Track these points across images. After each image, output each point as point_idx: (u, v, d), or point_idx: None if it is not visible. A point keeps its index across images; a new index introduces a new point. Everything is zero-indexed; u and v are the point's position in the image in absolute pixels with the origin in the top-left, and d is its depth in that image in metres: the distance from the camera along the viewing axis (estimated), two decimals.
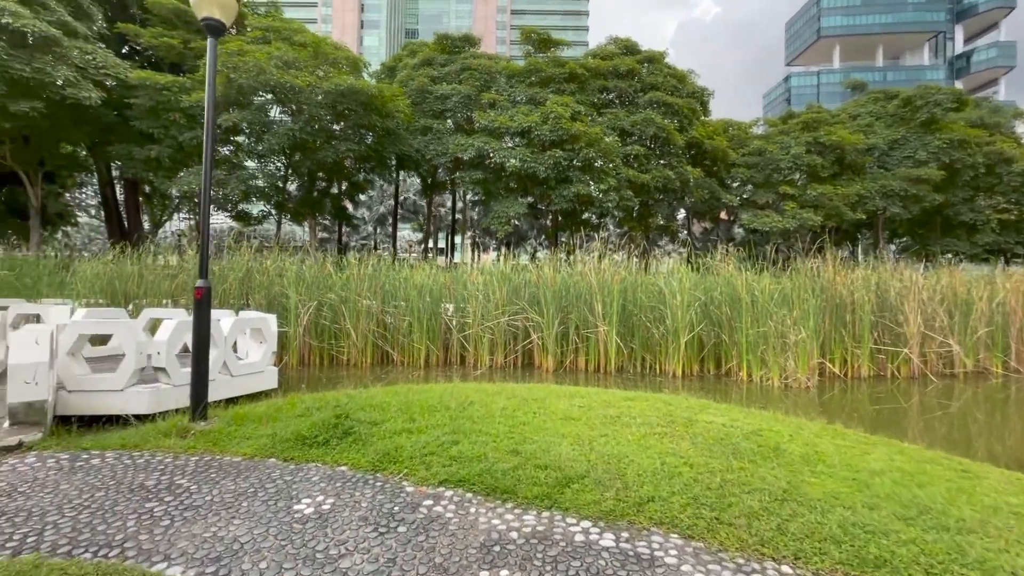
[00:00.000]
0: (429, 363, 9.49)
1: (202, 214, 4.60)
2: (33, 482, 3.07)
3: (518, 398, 5.38)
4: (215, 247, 18.05)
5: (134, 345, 5.22)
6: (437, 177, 28.55)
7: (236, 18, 24.70)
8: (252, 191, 22.56)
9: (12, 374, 3.74)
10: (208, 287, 4.27)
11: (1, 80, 17.83)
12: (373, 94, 20.86)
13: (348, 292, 9.60)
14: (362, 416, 4.36)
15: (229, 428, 4.10)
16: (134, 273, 9.20)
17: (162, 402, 5.33)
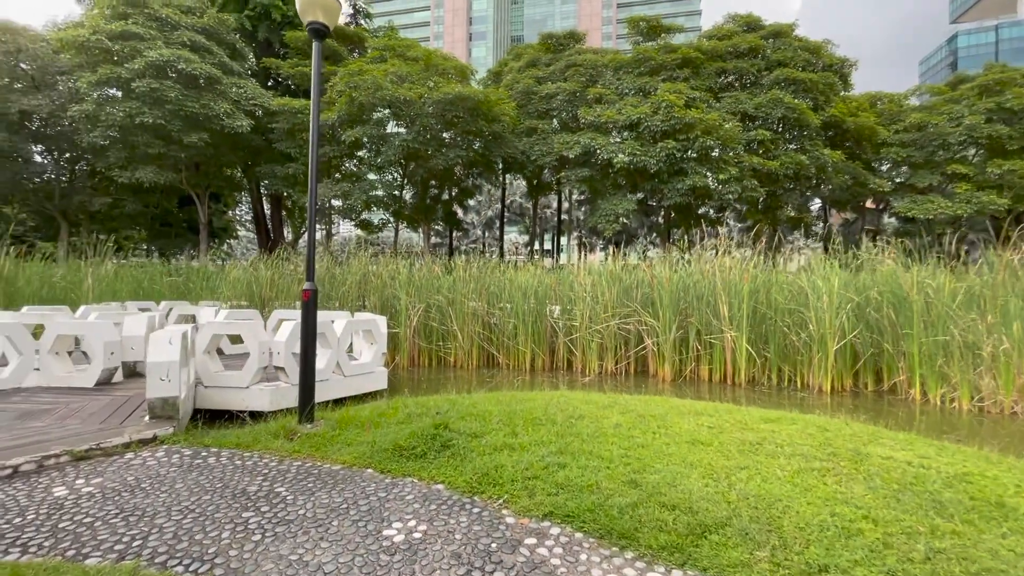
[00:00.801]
0: (534, 367, 9.13)
1: (309, 218, 4.65)
2: (155, 479, 3.18)
3: (633, 413, 4.74)
4: (340, 254, 19.56)
5: (257, 345, 5.51)
6: (542, 178, 28.38)
7: (357, 41, 26.74)
8: (373, 201, 24.23)
9: (149, 371, 4.01)
10: (315, 289, 4.28)
11: (177, 117, 21.09)
12: (480, 100, 21.22)
13: (455, 294, 9.60)
14: (462, 427, 4.06)
15: (333, 433, 4.04)
16: (268, 278, 10.08)
17: (281, 400, 5.56)
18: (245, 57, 25.37)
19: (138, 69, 19.98)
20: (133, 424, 4.05)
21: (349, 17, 33.62)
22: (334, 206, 26.38)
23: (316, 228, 26.85)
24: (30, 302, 9.40)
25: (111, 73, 20.09)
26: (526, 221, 42.97)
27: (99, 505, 2.81)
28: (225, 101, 21.78)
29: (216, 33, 23.41)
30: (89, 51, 20.78)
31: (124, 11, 21.54)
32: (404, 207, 25.76)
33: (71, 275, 10.83)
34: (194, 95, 21.06)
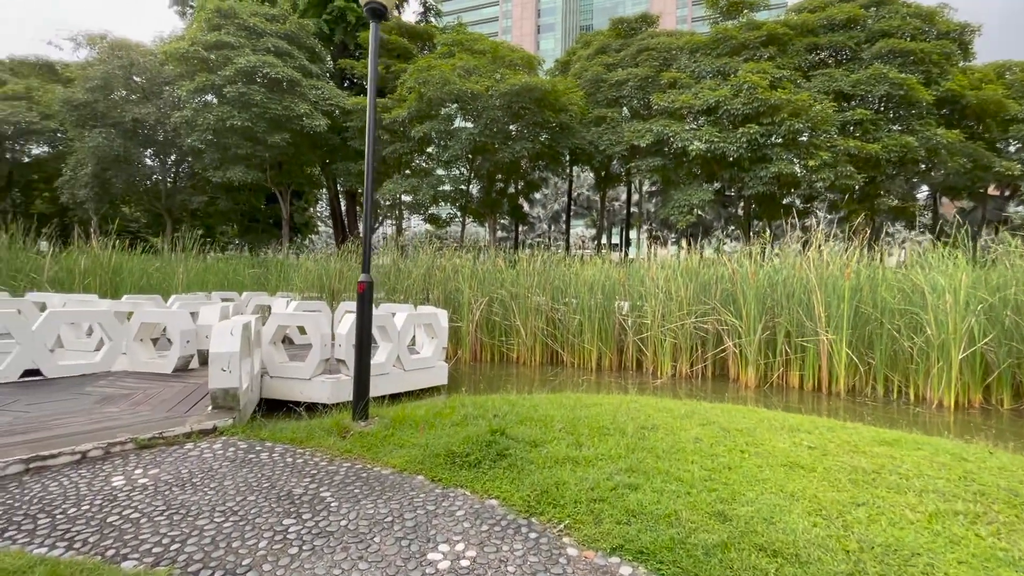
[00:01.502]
0: (601, 366, 8.63)
1: (366, 208, 4.49)
2: (206, 473, 3.11)
3: (716, 425, 4.17)
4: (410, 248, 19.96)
5: (319, 337, 5.49)
6: (611, 169, 27.43)
7: (427, 38, 27.05)
8: (440, 195, 24.54)
9: (212, 362, 4.03)
10: (370, 281, 4.10)
11: (262, 119, 22.41)
12: (547, 90, 20.75)
13: (518, 288, 9.30)
14: (521, 433, 3.71)
15: (386, 432, 3.85)
16: (337, 270, 10.31)
17: (341, 393, 5.52)
18: (323, 59, 26.53)
19: (229, 75, 21.42)
20: (197, 413, 4.09)
21: (419, 15, 34.27)
22: (404, 201, 27.05)
23: (376, 219, 27.50)
24: (131, 291, 10.23)
25: (206, 81, 21.70)
26: (593, 214, 41.96)
27: (149, 500, 2.75)
28: (305, 102, 22.86)
29: (297, 38, 24.63)
30: (188, 61, 22.58)
31: (218, 23, 23.16)
32: (470, 201, 25.89)
33: (166, 267, 11.72)
34: (277, 98, 22.28)
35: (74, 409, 4.13)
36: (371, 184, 4.32)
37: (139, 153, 26.45)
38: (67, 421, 3.80)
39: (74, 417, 3.90)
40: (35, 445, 3.24)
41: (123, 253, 11.32)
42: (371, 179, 4.30)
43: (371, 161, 4.32)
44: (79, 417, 3.90)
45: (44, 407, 4.18)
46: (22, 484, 2.90)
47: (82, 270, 10.53)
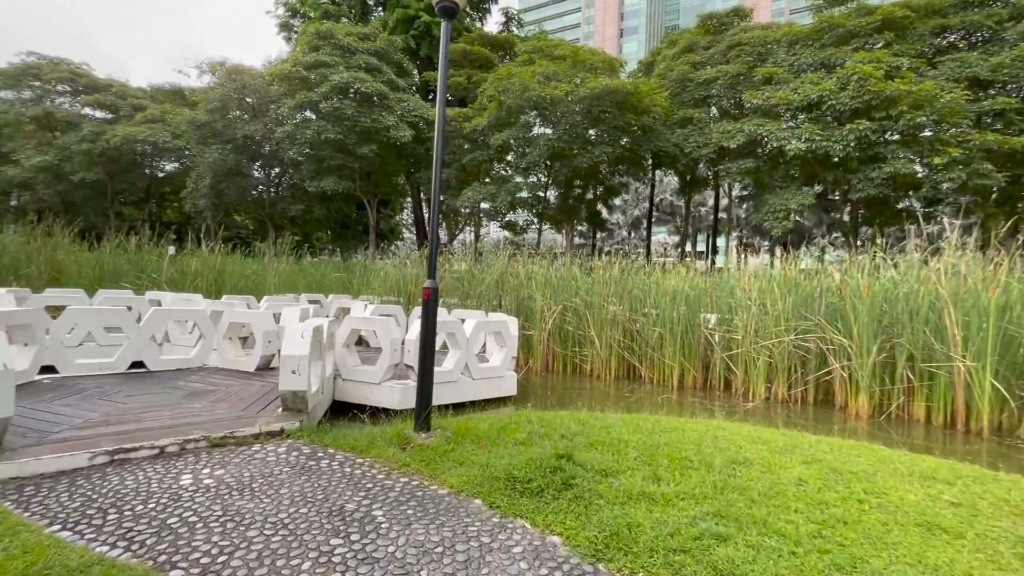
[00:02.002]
0: (683, 384, 7.95)
1: (432, 209, 4.37)
2: (266, 479, 3.08)
3: (823, 464, 3.54)
4: (488, 255, 20.11)
5: (389, 341, 5.47)
6: (697, 173, 26.00)
7: (507, 47, 27.32)
8: (517, 202, 24.61)
9: (282, 364, 4.08)
10: (435, 287, 3.96)
11: (353, 132, 23.78)
12: (629, 91, 20.08)
13: (593, 297, 8.87)
14: (590, 460, 3.35)
15: (447, 447, 3.66)
16: (414, 275, 10.48)
17: (409, 399, 5.44)
18: (409, 73, 27.72)
19: (325, 92, 23.00)
20: (267, 414, 4.17)
21: (501, 25, 34.84)
22: (482, 208, 27.47)
23: (456, 226, 28.06)
24: (231, 291, 11.11)
25: (305, 98, 23.45)
26: (676, 220, 40.11)
27: (209, 503, 2.74)
28: (391, 115, 23.98)
29: (386, 54, 25.94)
30: (291, 81, 24.55)
31: (317, 44, 24.99)
32: (547, 207, 25.69)
33: (262, 269, 12.63)
34: (366, 111, 23.56)
35: (163, 403, 4.37)
36: (439, 182, 4.19)
37: (248, 166, 29.17)
38: (155, 414, 4.01)
39: (161, 411, 4.11)
40: (122, 437, 3.41)
41: (227, 257, 12.35)
42: (439, 177, 4.17)
43: (440, 156, 4.19)
44: (165, 411, 4.11)
45: (140, 399, 4.47)
46: (104, 476, 3.03)
47: (193, 271, 11.61)
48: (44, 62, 32.24)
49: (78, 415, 3.88)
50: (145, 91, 34.53)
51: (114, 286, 10.87)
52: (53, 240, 11.88)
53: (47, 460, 3.01)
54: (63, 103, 32.49)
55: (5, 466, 2.90)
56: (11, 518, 2.50)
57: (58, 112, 31.39)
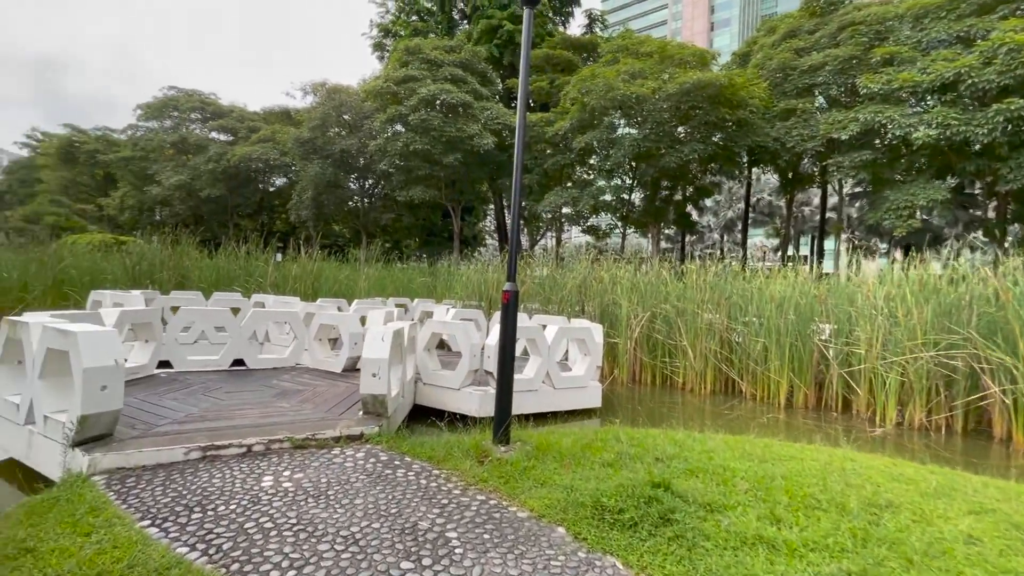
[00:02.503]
0: (791, 403, 7.05)
1: (513, 210, 4.14)
2: (343, 486, 2.99)
3: (998, 517, 2.80)
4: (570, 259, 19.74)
5: (468, 346, 5.33)
6: (800, 169, 23.72)
7: (591, 49, 26.87)
8: (601, 205, 23.98)
9: (363, 367, 4.05)
10: (515, 291, 3.72)
11: (439, 142, 24.56)
12: (722, 84, 18.77)
13: (685, 303, 8.20)
14: (691, 489, 2.90)
15: (527, 463, 3.38)
16: (494, 279, 10.39)
17: (489, 406, 5.25)
18: (492, 82, 28.17)
19: (413, 105, 24.00)
20: (349, 417, 4.15)
21: (584, 28, 34.40)
22: (564, 213, 27.14)
23: (537, 231, 27.81)
24: (326, 294, 11.74)
25: (395, 112, 24.63)
26: (776, 221, 37.02)
27: (285, 509, 2.68)
28: (475, 123, 24.47)
29: (470, 64, 26.57)
30: (382, 96, 25.95)
31: (406, 59, 26.21)
32: (632, 210, 24.76)
33: (354, 274, 13.26)
34: (451, 121, 24.24)
35: (256, 401, 4.53)
36: (519, 181, 3.95)
37: (345, 179, 31.21)
38: (247, 412, 4.14)
39: (253, 409, 4.25)
40: (214, 434, 3.52)
41: (322, 263, 13.12)
42: (519, 176, 3.94)
43: (521, 150, 3.96)
44: (256, 409, 4.24)
45: (236, 396, 4.68)
46: (196, 472, 3.11)
47: (293, 276, 12.45)
48: (181, 94, 36.95)
49: (182, 409, 4.11)
50: (259, 114, 38.35)
51: (227, 289, 11.94)
52: (180, 248, 13.33)
53: (148, 452, 3.15)
54: (195, 129, 36.96)
55: (113, 456, 3.07)
56: (110, 509, 2.59)
57: (191, 137, 35.74)
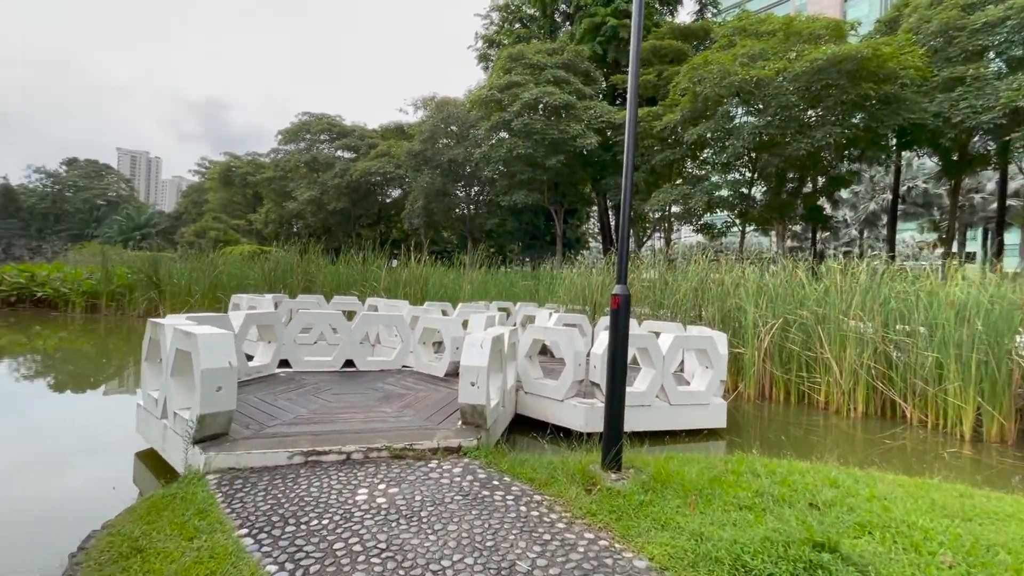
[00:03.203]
0: (980, 435, 5.61)
1: (623, 211, 3.65)
2: (436, 507, 2.75)
3: None
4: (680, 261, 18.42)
5: (573, 355, 4.92)
6: (970, 148, 19.81)
7: (702, 36, 25.07)
8: (716, 202, 22.14)
9: (461, 375, 3.84)
10: (626, 295, 3.24)
11: (541, 145, 24.48)
12: (864, 56, 16.26)
13: (828, 309, 6.99)
14: (867, 555, 2.21)
15: (643, 496, 2.88)
16: (599, 283, 9.84)
17: (596, 421, 4.79)
18: (596, 80, 27.49)
19: (516, 110, 24.19)
20: (448, 426, 3.96)
21: (695, 14, 32.27)
22: (673, 212, 25.58)
23: (644, 232, 26.41)
24: (432, 298, 12.05)
25: (499, 119, 25.02)
26: (934, 213, 31.51)
27: (376, 530, 2.49)
28: (578, 123, 24.01)
29: (573, 65, 26.16)
30: (487, 105, 26.52)
31: (509, 66, 26.53)
32: (752, 206, 22.51)
33: (458, 279, 13.50)
34: (554, 123, 24.02)
35: (360, 404, 4.54)
36: (630, 171, 3.46)
37: (452, 187, 32.48)
38: (351, 416, 4.14)
39: (356, 413, 4.24)
40: (317, 439, 3.50)
41: (429, 268, 13.55)
42: (630, 165, 3.45)
43: (632, 140, 3.47)
44: (359, 413, 4.22)
45: (343, 398, 4.74)
46: (297, 477, 3.08)
47: (404, 281, 13.00)
48: (312, 119, 41.27)
49: (293, 410, 4.22)
50: (376, 131, 41.50)
51: (346, 293, 12.79)
52: (307, 256, 14.61)
53: (256, 455, 3.19)
54: (323, 148, 41.03)
55: (225, 456, 3.14)
56: (215, 513, 2.60)
57: (320, 156, 39.72)
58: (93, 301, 15.28)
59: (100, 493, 3.43)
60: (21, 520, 3.16)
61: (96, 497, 3.37)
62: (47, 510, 3.27)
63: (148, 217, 64.61)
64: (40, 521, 3.12)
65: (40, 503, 3.35)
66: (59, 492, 3.54)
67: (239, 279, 14.87)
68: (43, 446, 4.46)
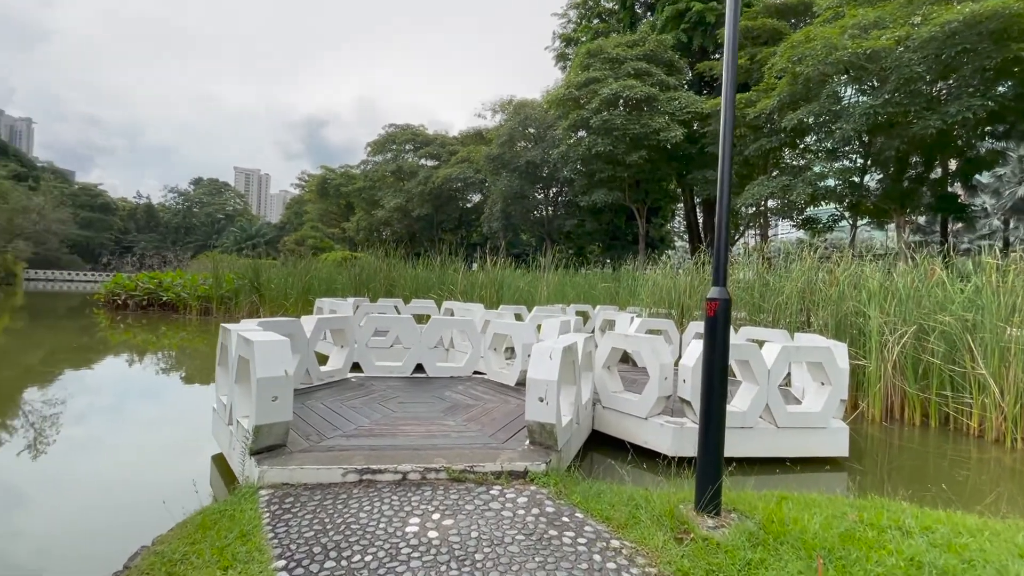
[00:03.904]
0: None
1: (720, 202, 3.03)
2: (495, 547, 2.35)
3: None
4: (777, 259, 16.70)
5: (658, 367, 4.32)
6: None
7: (802, 11, 22.72)
8: (820, 194, 19.87)
9: (528, 389, 3.43)
10: (726, 299, 2.64)
11: (622, 141, 23.51)
12: (1013, 13, 13.68)
13: (979, 314, 5.72)
14: None
15: (751, 553, 2.28)
16: (687, 284, 8.98)
17: (685, 445, 4.16)
18: (680, 70, 25.96)
19: (595, 107, 23.45)
20: (514, 445, 3.56)
21: None
22: (770, 207, 23.45)
23: (735, 230, 24.34)
24: (508, 302, 11.79)
25: (577, 117, 24.41)
26: None
27: (421, 574, 2.14)
28: (661, 117, 22.76)
29: (655, 55, 24.91)
30: (564, 104, 26.00)
31: (588, 63, 25.82)
32: (866, 197, 19.93)
33: (535, 281, 13.13)
34: (635, 117, 22.97)
35: (424, 415, 4.29)
36: (728, 152, 2.85)
37: (530, 189, 32.32)
38: (412, 429, 3.88)
39: (419, 425, 3.98)
40: (373, 455, 3.26)
41: (505, 270, 13.32)
42: (728, 142, 2.84)
43: (730, 117, 2.86)
44: (421, 426, 3.96)
45: (408, 407, 4.53)
46: (348, 499, 2.84)
47: (479, 284, 12.88)
48: (397, 130, 43.20)
49: (355, 420, 4.05)
50: (456, 138, 42.53)
51: (424, 296, 12.91)
52: (388, 261, 15.02)
53: (309, 470, 3.00)
54: (408, 157, 42.77)
55: (279, 471, 2.98)
56: (256, 538, 2.40)
57: (405, 165, 41.42)
58: (206, 304, 16.86)
59: (179, 490, 3.40)
60: (102, 509, 3.27)
61: (177, 493, 3.34)
62: (130, 500, 3.38)
63: (258, 228, 71.47)
64: (118, 511, 3.18)
65: (126, 491, 3.54)
66: (145, 484, 3.65)
67: (328, 283, 15.65)
68: (144, 438, 4.73)
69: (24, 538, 2.97)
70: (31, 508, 3.34)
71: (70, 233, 51.34)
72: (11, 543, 2.90)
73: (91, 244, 62.68)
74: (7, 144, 64.40)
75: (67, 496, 3.46)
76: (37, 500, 3.44)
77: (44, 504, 3.36)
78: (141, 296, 17.90)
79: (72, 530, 3.02)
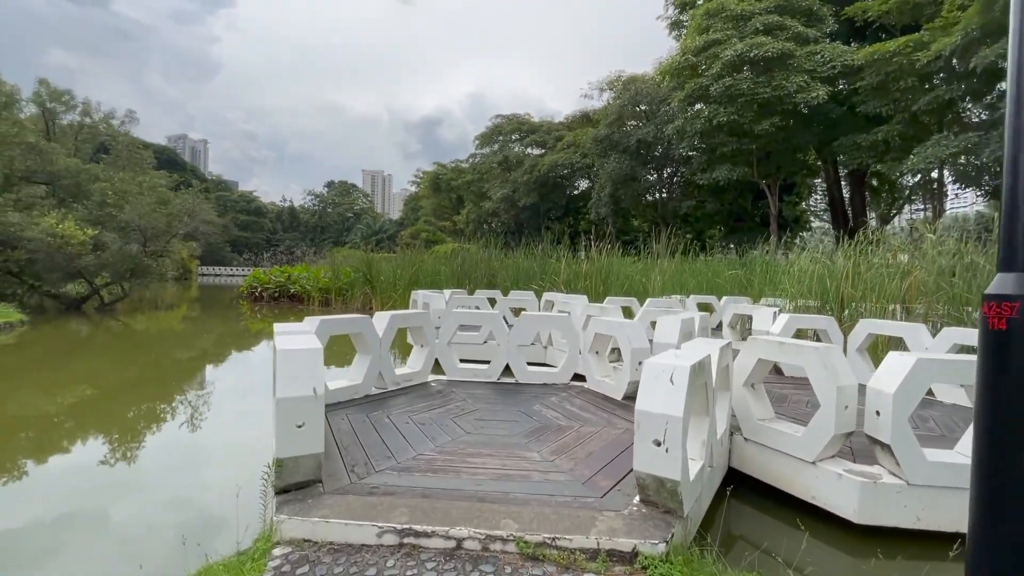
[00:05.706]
0: None
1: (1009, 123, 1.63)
2: None
3: None
4: None
5: (834, 391, 2.95)
6: None
7: None
8: None
9: (638, 424, 2.35)
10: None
11: (749, 108, 20.60)
12: None
13: None
14: None
15: None
16: (847, 270, 7.02)
17: (880, 510, 2.77)
18: (822, 18, 22.05)
19: (715, 73, 20.80)
20: (616, 502, 2.51)
21: None
22: (944, 172, 19.06)
23: (893, 203, 20.11)
24: (616, 292, 10.54)
25: (695, 85, 21.89)
26: None
27: None
28: (798, 75, 19.48)
29: (789, 5, 21.41)
30: (680, 73, 23.52)
31: (706, 24, 23.03)
32: None
33: (647, 269, 11.67)
34: (764, 80, 19.95)
35: (501, 441, 3.40)
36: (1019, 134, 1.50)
37: (641, 171, 30.11)
38: (480, 462, 3.01)
39: (492, 456, 3.10)
40: (422, 504, 2.44)
41: (612, 258, 12.03)
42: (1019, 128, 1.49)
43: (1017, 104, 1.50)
44: (495, 457, 3.07)
45: (485, 427, 3.68)
46: (379, 572, 2.03)
47: (584, 273, 11.77)
48: (503, 120, 43.13)
49: (416, 444, 3.29)
50: (563, 123, 41.26)
51: (524, 288, 12.14)
52: (489, 251, 14.51)
53: (336, 525, 2.25)
54: (514, 147, 42.52)
55: (299, 522, 2.28)
56: None
57: (511, 155, 41.22)
58: (326, 296, 17.88)
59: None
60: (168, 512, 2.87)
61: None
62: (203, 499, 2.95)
63: (381, 225, 77.04)
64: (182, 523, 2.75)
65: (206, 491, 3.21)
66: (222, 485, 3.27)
67: (433, 275, 15.61)
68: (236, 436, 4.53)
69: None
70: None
71: (231, 233, 59.74)
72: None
73: (248, 242, 72.40)
74: (184, 160, 76.62)
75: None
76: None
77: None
78: (273, 289, 19.60)
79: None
